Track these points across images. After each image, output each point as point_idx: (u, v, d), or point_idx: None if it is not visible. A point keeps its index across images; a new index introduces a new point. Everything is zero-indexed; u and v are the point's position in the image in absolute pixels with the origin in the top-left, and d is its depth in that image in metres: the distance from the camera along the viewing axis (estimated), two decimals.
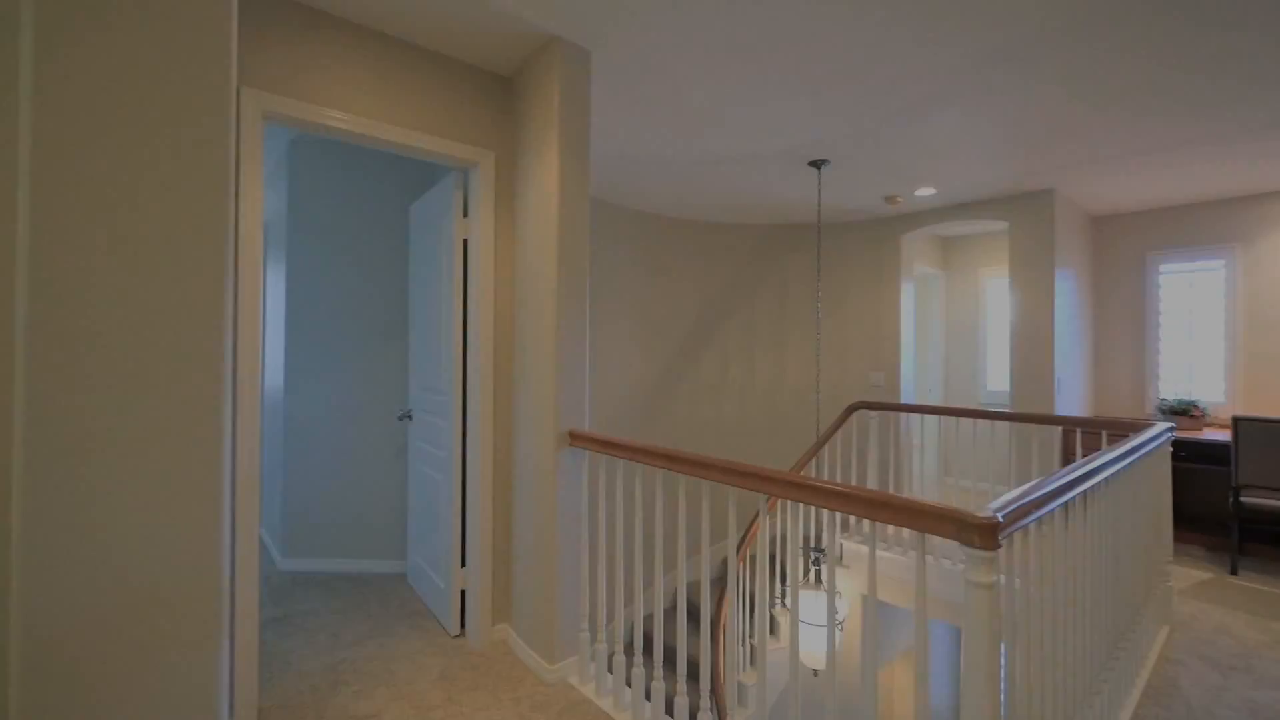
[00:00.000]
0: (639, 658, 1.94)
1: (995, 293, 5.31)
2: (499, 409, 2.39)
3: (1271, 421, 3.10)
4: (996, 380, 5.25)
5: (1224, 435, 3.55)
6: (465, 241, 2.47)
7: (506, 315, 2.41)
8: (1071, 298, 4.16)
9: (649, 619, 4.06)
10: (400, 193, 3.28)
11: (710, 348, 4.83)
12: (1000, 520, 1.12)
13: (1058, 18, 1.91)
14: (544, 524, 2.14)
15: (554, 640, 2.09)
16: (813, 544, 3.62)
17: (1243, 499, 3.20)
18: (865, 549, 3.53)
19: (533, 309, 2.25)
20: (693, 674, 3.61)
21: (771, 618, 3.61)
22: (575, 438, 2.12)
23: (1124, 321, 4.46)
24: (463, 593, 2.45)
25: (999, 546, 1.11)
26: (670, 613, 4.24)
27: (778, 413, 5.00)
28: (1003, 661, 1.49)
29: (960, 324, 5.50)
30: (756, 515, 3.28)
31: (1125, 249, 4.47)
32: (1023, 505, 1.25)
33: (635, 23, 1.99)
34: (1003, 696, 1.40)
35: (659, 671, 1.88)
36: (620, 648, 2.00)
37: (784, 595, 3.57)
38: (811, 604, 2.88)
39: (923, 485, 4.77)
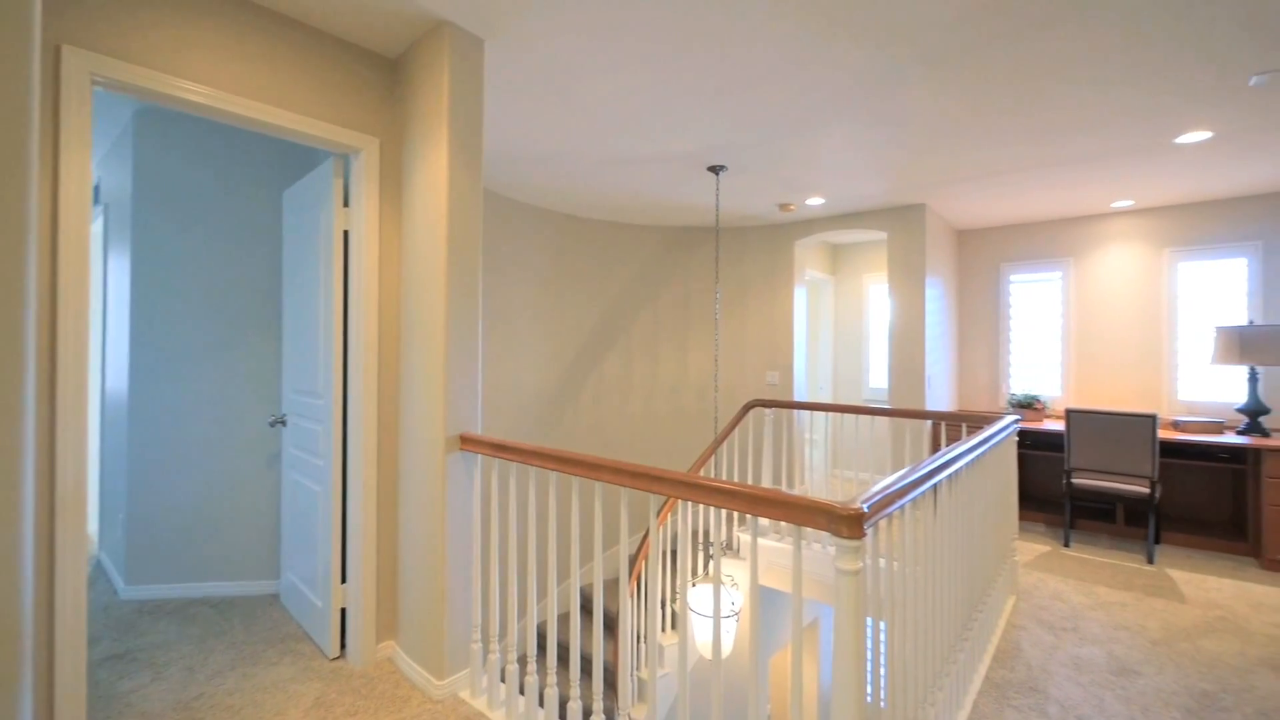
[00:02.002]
0: (534, 665, 1.89)
1: (877, 297, 5.75)
2: (384, 413, 2.24)
3: (1096, 413, 3.58)
4: (878, 378, 5.69)
5: (1060, 425, 4.07)
6: (346, 233, 2.30)
7: (392, 313, 2.27)
8: (940, 303, 4.59)
9: (546, 624, 4.00)
10: (273, 176, 2.99)
11: (615, 347, 4.85)
12: (865, 511, 1.19)
13: (920, 50, 2.09)
14: (433, 533, 2.04)
15: (443, 654, 1.99)
16: (711, 539, 3.72)
17: (1073, 480, 3.68)
18: (760, 541, 3.68)
19: (421, 306, 2.13)
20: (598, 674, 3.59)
21: (672, 612, 3.68)
22: (466, 441, 2.03)
23: (982, 325, 4.99)
24: (343, 611, 2.27)
25: (864, 535, 1.19)
26: (570, 617, 4.20)
27: (682, 410, 5.11)
28: (880, 636, 1.60)
29: (847, 326, 5.90)
30: (658, 513, 3.33)
31: (983, 260, 5.00)
32: (886, 496, 1.34)
33: (532, 15, 1.94)
34: (878, 666, 1.50)
35: (554, 678, 1.84)
36: (514, 657, 1.94)
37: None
38: (707, 596, 2.96)
39: (814, 477, 5.06)
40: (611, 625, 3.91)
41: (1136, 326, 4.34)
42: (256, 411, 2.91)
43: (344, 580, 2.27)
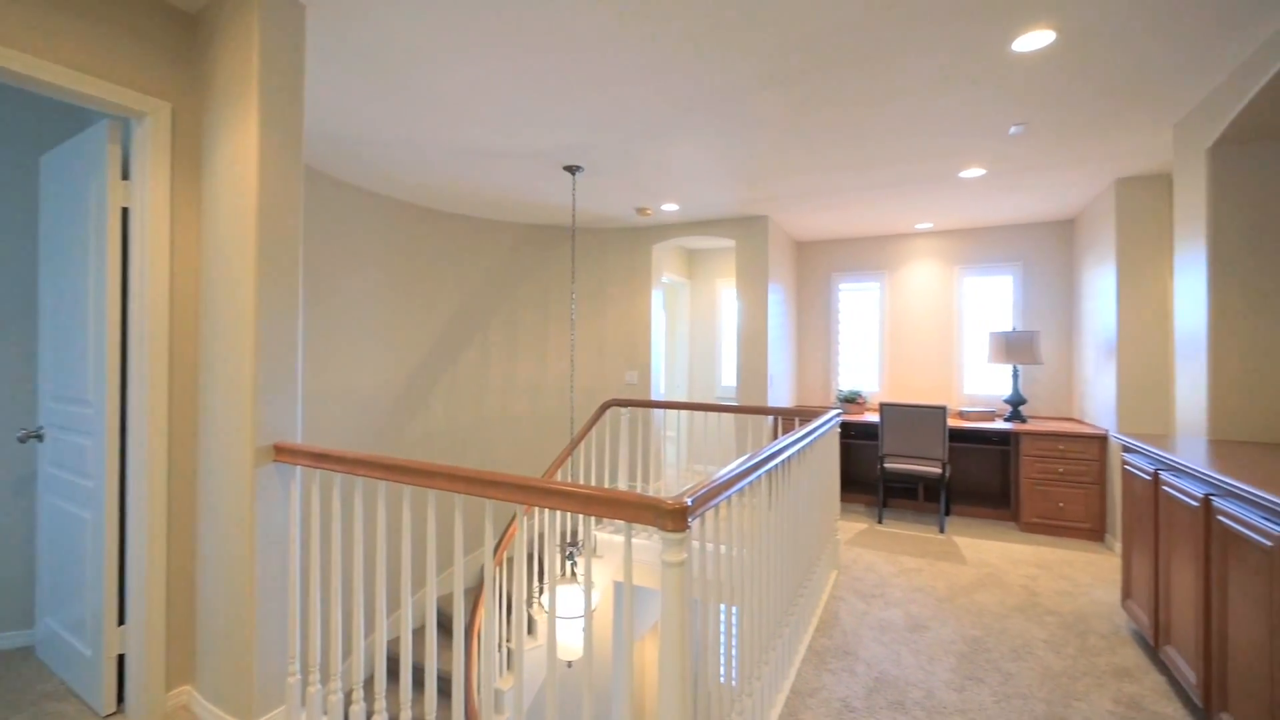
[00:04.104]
0: (362, 692, 1.74)
1: (729, 300, 6.13)
2: (178, 422, 1.93)
3: (901, 406, 4.13)
4: (729, 377, 6.06)
5: (877, 417, 4.63)
6: (126, 210, 1.95)
7: (189, 305, 1.96)
8: (782, 308, 5.00)
9: (374, 647, 3.73)
10: (26, 134, 2.45)
11: (470, 347, 4.65)
12: (689, 504, 1.25)
13: (764, 69, 2.25)
14: (241, 557, 1.79)
15: (253, 693, 1.76)
16: (567, 539, 3.72)
17: (886, 465, 4.21)
18: (617, 539, 3.75)
19: (226, 298, 1.86)
20: (443, 690, 3.42)
21: (529, 617, 3.62)
22: (282, 452, 1.81)
23: (816, 328, 5.54)
24: (121, 658, 1.92)
25: (688, 528, 1.24)
26: (402, 641, 3.97)
27: (541, 412, 5.04)
28: (709, 618, 1.68)
29: (702, 327, 6.22)
30: (511, 520, 3.25)
31: (818, 269, 5.54)
32: (711, 489, 1.42)
33: None
34: (704, 647, 1.58)
35: (383, 703, 1.71)
36: (338, 686, 1.77)
37: (540, 592, 3.60)
38: (560, 598, 2.95)
39: (670, 473, 5.26)
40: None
41: (934, 331, 5.08)
42: (2, 423, 2.36)
43: (122, 621, 1.92)
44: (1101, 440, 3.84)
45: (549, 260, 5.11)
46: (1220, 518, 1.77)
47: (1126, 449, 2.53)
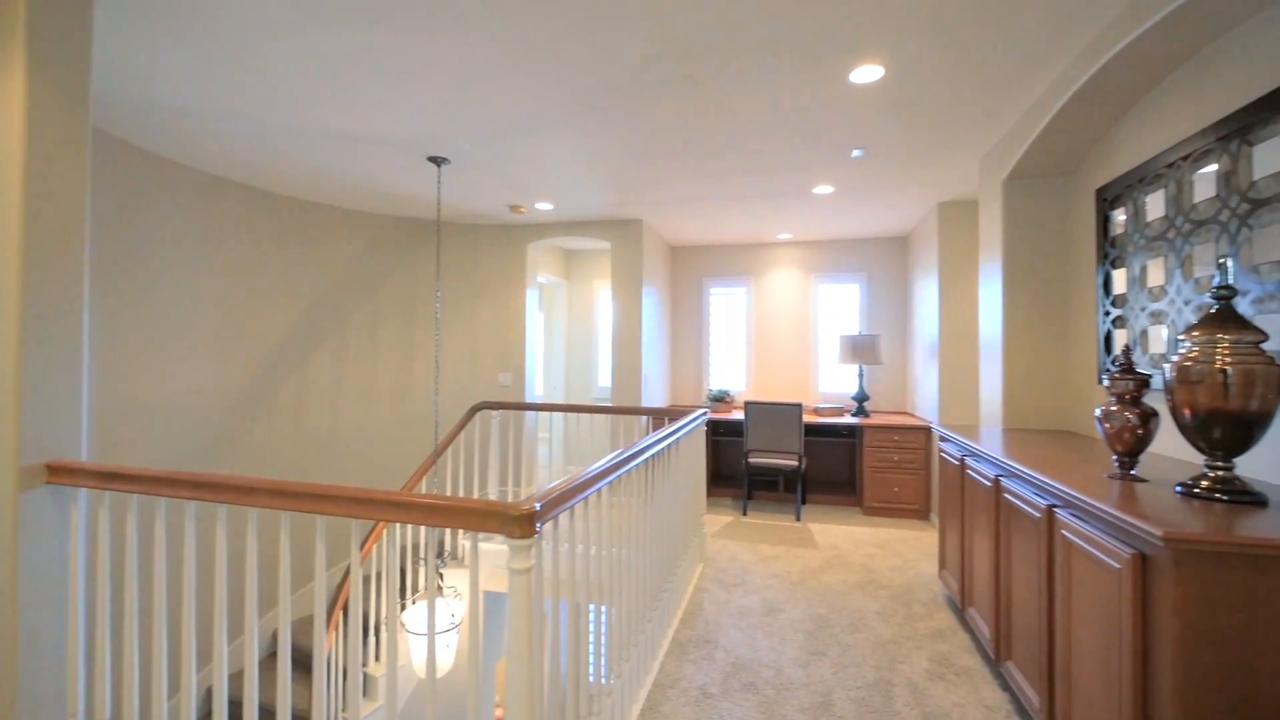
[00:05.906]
0: None
1: (606, 302, 6.17)
2: None
3: (763, 404, 4.41)
4: (606, 378, 6.11)
5: (743, 415, 4.90)
6: None
7: None
8: (656, 310, 5.13)
9: (181, 698, 3.31)
10: None
11: (324, 347, 4.25)
12: (537, 509, 1.22)
13: (620, 77, 2.27)
14: None
15: None
16: (434, 550, 3.52)
17: (750, 460, 4.47)
18: (487, 546, 3.61)
19: None
20: None
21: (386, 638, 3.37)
22: (57, 472, 1.52)
23: (689, 330, 5.75)
24: None
25: (536, 534, 1.21)
26: (216, 689, 3.55)
27: (406, 416, 4.74)
28: (562, 616, 1.66)
29: (579, 328, 6.21)
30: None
31: (691, 273, 5.76)
32: (564, 492, 1.41)
33: None
34: (562, 645, 1.55)
35: None
36: None
37: (402, 609, 3.38)
38: (421, 614, 2.79)
39: (543, 475, 5.18)
40: (307, 668, 3.42)
41: (794, 333, 5.49)
42: None
43: None
44: (926, 431, 4.37)
45: (415, 256, 4.82)
46: (1006, 495, 2.07)
47: (942, 438, 2.89)
